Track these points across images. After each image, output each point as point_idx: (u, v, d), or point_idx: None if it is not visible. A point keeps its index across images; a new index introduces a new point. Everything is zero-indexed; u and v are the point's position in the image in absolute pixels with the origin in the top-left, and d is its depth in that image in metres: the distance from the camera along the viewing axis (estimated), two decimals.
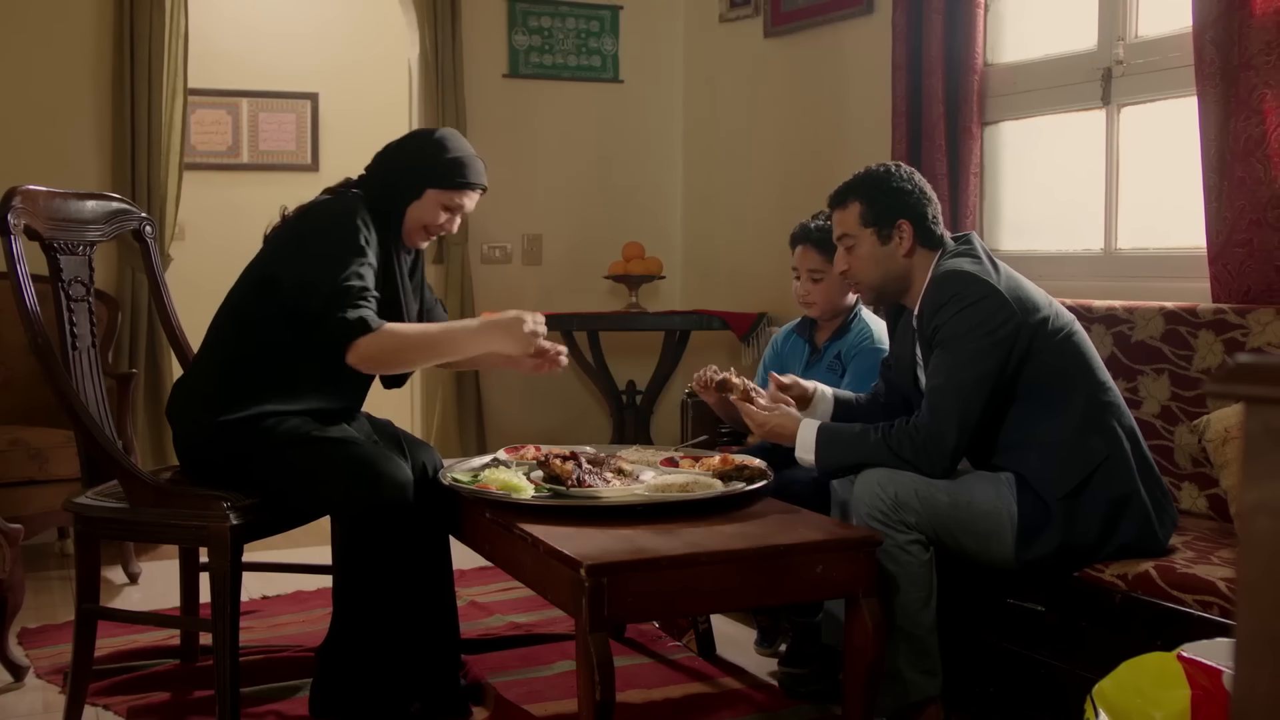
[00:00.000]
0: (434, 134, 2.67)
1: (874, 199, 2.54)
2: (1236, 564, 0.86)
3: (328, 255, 2.46)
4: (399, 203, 2.62)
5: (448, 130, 2.71)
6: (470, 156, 2.65)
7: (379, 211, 2.59)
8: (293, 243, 2.56)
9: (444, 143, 2.63)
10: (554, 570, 2.13)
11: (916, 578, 2.35)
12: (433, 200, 2.61)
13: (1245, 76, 2.76)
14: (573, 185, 5.18)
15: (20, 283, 2.51)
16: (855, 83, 4.26)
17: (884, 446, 2.40)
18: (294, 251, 2.54)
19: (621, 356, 5.01)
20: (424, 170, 2.60)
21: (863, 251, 2.56)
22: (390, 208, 2.62)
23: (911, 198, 2.53)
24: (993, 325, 2.34)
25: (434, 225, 2.64)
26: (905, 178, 2.56)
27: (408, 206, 2.62)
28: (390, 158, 2.66)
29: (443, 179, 2.60)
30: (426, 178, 2.60)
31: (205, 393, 2.57)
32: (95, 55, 4.42)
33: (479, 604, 3.52)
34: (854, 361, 3.04)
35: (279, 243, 2.61)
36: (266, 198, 2.69)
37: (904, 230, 2.52)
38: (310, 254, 2.49)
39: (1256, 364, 0.81)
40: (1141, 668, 1.77)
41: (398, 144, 2.69)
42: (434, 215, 2.62)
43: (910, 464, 2.38)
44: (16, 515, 3.24)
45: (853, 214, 2.56)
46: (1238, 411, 2.46)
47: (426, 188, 2.60)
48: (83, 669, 2.57)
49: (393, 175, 2.62)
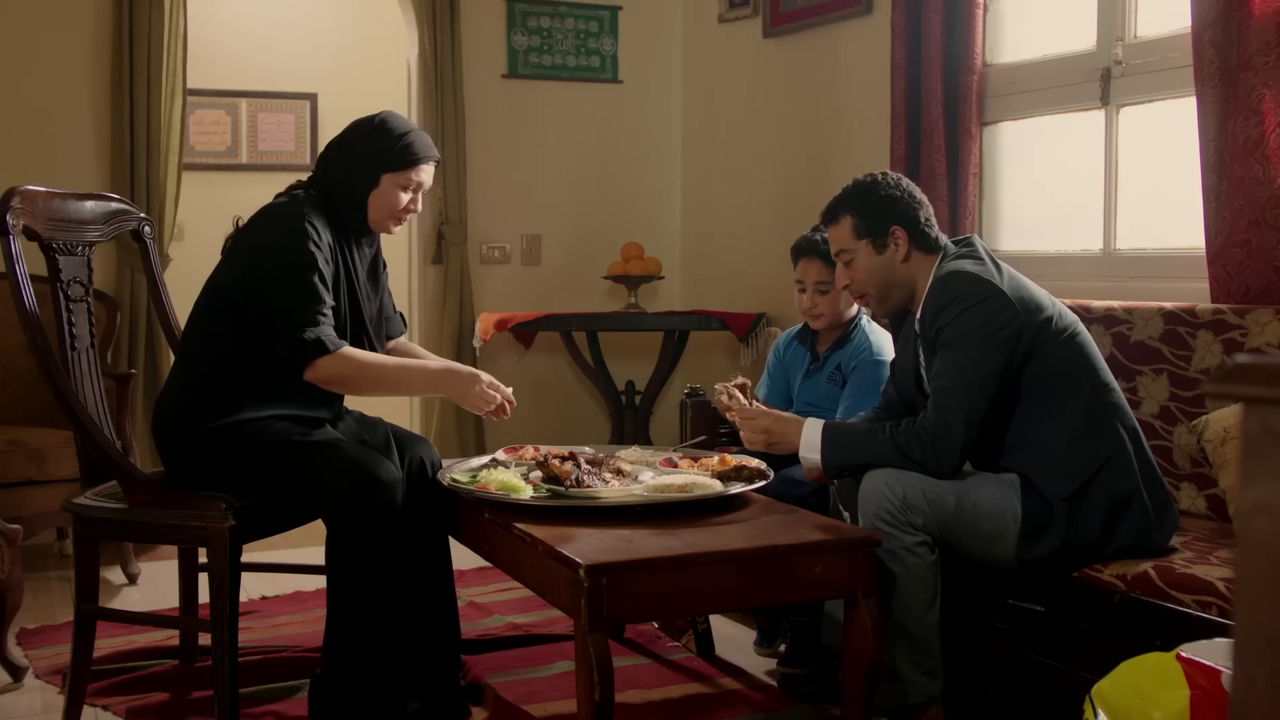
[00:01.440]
0: (374, 120, 2.65)
1: (864, 210, 2.54)
2: (1235, 564, 0.86)
3: (278, 269, 2.46)
4: (356, 195, 2.60)
5: (386, 112, 2.68)
6: (415, 131, 2.64)
7: (333, 208, 2.58)
8: (241, 256, 2.55)
9: (386, 124, 2.62)
10: (553, 571, 2.13)
11: (922, 579, 2.34)
12: (390, 184, 2.60)
13: (1244, 77, 2.76)
14: (572, 185, 5.18)
15: (19, 283, 2.51)
16: (854, 83, 4.26)
17: (891, 445, 2.39)
18: (244, 265, 2.53)
19: (620, 357, 5.00)
20: (375, 157, 2.59)
21: (861, 263, 2.56)
22: (346, 202, 2.60)
23: (901, 204, 2.53)
24: (997, 325, 2.34)
25: (399, 209, 2.63)
26: (893, 184, 2.56)
27: (368, 196, 2.60)
28: (338, 152, 2.64)
29: (395, 160, 2.59)
30: (380, 163, 2.58)
31: (184, 405, 2.56)
32: (94, 56, 4.42)
33: (478, 604, 3.52)
34: (855, 374, 3.02)
35: (231, 255, 2.59)
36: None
37: (898, 237, 2.52)
38: (261, 268, 2.48)
39: (1255, 364, 0.81)
40: (1140, 668, 1.77)
41: (341, 139, 2.67)
42: (396, 198, 2.61)
43: (918, 464, 2.37)
44: (15, 516, 3.24)
45: (845, 228, 2.56)
46: (1236, 412, 2.47)
47: (381, 173, 2.59)
48: (81, 669, 2.57)
49: (344, 169, 2.60)
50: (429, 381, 2.62)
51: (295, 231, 2.47)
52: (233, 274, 2.55)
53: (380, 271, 2.77)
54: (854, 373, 3.02)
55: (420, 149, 2.62)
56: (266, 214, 2.58)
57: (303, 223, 2.48)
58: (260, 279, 2.47)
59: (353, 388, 2.55)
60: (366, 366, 2.51)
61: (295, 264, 2.45)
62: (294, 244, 2.46)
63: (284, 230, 2.49)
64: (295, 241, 2.46)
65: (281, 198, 2.62)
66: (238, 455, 2.50)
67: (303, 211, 2.51)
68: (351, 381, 2.51)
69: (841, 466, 2.49)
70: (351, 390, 2.57)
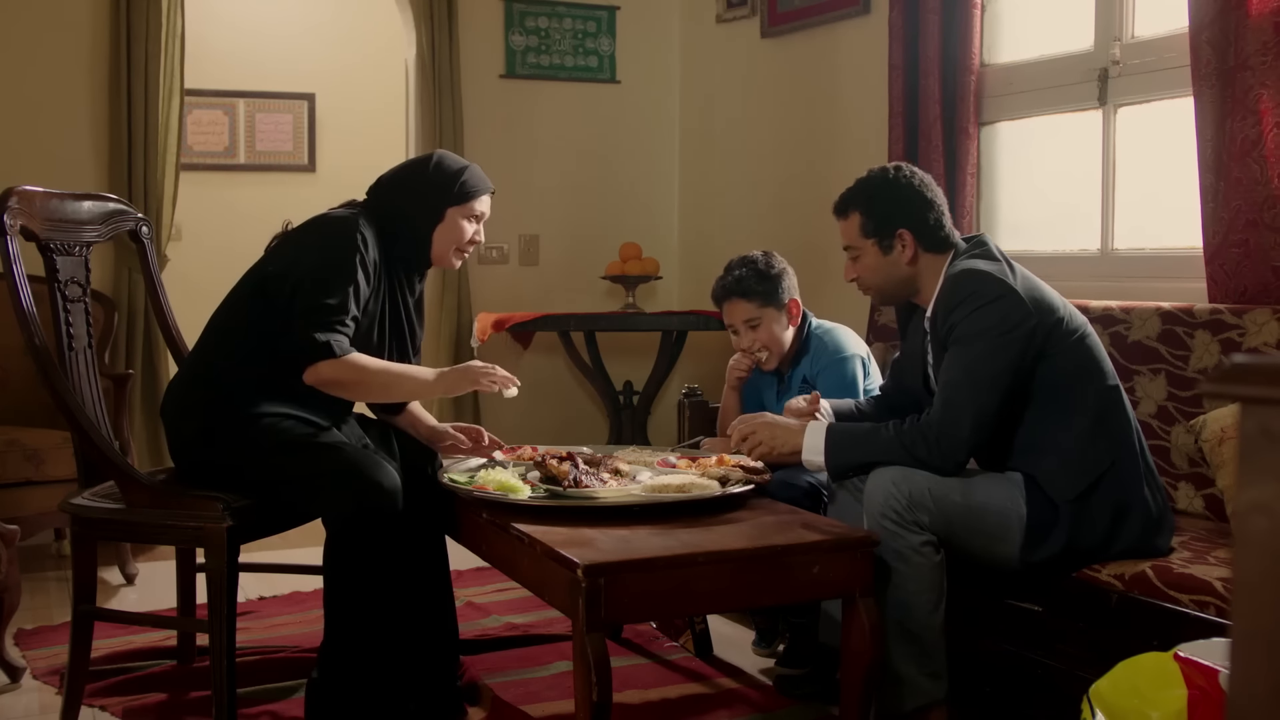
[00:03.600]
0: (430, 158, 2.73)
1: (872, 210, 2.53)
2: (1232, 564, 0.86)
3: (318, 268, 2.50)
4: (418, 230, 2.66)
5: (440, 151, 2.78)
6: (471, 166, 2.73)
7: (389, 239, 2.64)
8: (292, 250, 2.59)
9: (443, 163, 2.70)
10: (551, 571, 2.13)
11: (928, 580, 2.32)
12: (454, 218, 2.67)
13: (1241, 77, 2.76)
14: (569, 186, 5.18)
15: (16, 283, 2.51)
16: (852, 83, 4.27)
17: (897, 444, 2.37)
18: (290, 258, 2.56)
19: (618, 357, 5.00)
20: (438, 195, 2.66)
21: (867, 262, 2.56)
22: (404, 236, 2.66)
23: (911, 205, 2.51)
24: (1010, 324, 2.33)
25: (465, 240, 2.71)
26: (904, 183, 2.53)
27: (433, 231, 2.67)
28: (395, 189, 2.69)
29: (459, 196, 2.67)
30: (443, 200, 2.66)
31: (200, 393, 2.58)
32: (92, 56, 4.41)
33: (476, 605, 3.52)
34: (822, 377, 2.99)
35: (279, 249, 2.63)
36: (263, 198, 2.69)
37: (905, 239, 2.51)
38: (302, 264, 2.52)
39: (1253, 364, 0.81)
40: (1138, 667, 1.77)
41: (396, 177, 2.72)
42: (461, 231, 2.69)
43: (923, 461, 2.35)
44: (13, 516, 3.23)
45: (854, 225, 2.56)
46: (1234, 412, 2.46)
47: (446, 209, 2.66)
48: (79, 670, 2.56)
49: (403, 205, 2.66)
50: (430, 387, 2.63)
51: (347, 241, 2.52)
52: (277, 264, 2.58)
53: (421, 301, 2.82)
54: (820, 376, 2.99)
55: (481, 181, 2.72)
56: (325, 219, 2.62)
57: (355, 236, 2.53)
58: (297, 275, 2.50)
59: (355, 392, 2.59)
60: (371, 373, 2.53)
61: (336, 269, 2.49)
62: (342, 252, 2.51)
63: (336, 238, 2.54)
64: (344, 250, 2.51)
65: (340, 210, 2.66)
66: (243, 447, 2.50)
67: (358, 225, 2.56)
68: (349, 385, 2.53)
69: (847, 467, 2.48)
70: (352, 395, 2.61)
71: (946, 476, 2.36)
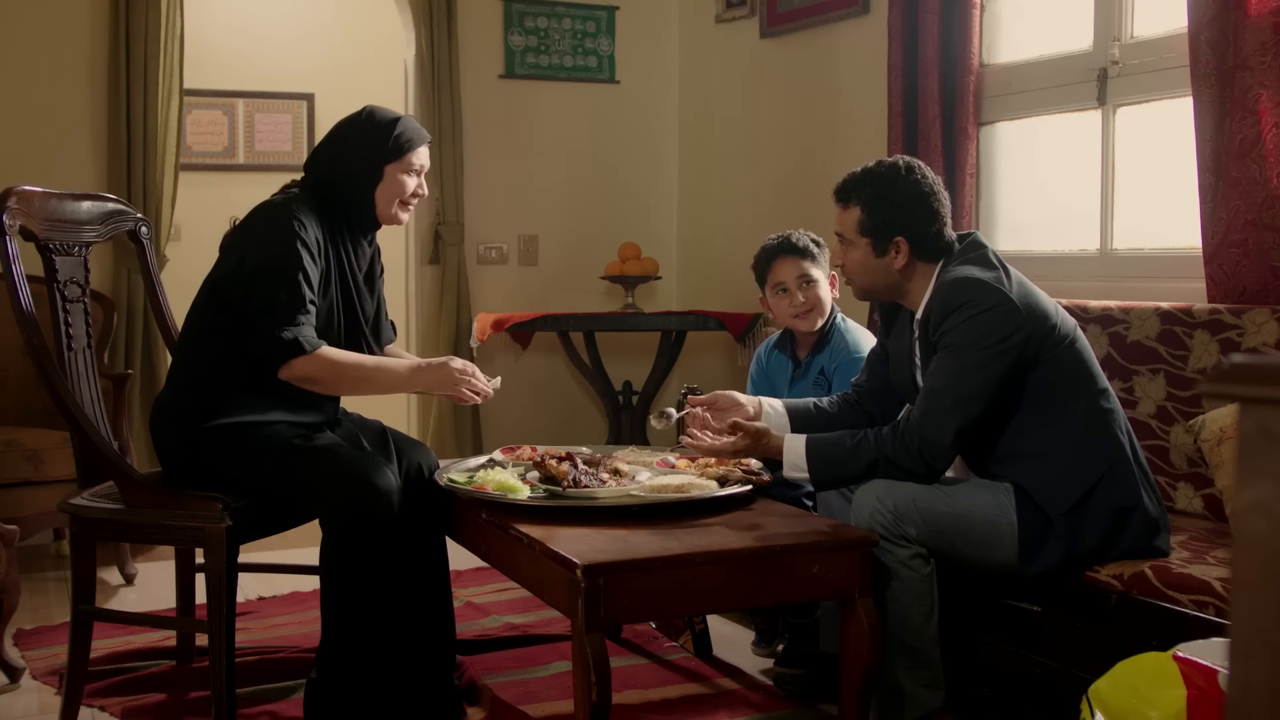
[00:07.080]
0: (360, 115, 2.68)
1: (874, 209, 2.47)
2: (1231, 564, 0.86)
3: (262, 265, 2.47)
4: (359, 191, 2.63)
5: (369, 106, 2.72)
6: (404, 118, 2.68)
7: (330, 207, 2.60)
8: (235, 249, 2.57)
9: (374, 117, 2.66)
10: (550, 571, 2.12)
11: (918, 592, 2.31)
12: (394, 173, 2.64)
13: (1240, 77, 2.76)
14: (569, 186, 5.18)
15: (15, 283, 2.51)
16: (851, 83, 4.27)
17: (881, 458, 2.36)
18: (233, 261, 2.55)
19: (618, 357, 5.00)
20: (373, 150, 2.62)
21: (857, 256, 2.52)
22: (347, 200, 2.63)
23: (914, 214, 2.45)
24: (1003, 334, 2.30)
25: (407, 195, 2.67)
26: (911, 185, 2.46)
27: (374, 191, 2.63)
28: (330, 153, 2.67)
29: (395, 151, 2.63)
30: (379, 156, 2.62)
31: (182, 406, 2.56)
32: (91, 56, 4.41)
33: (475, 605, 3.52)
34: (838, 374, 3.01)
35: (224, 253, 2.62)
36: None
37: (900, 247, 2.46)
38: (246, 263, 2.49)
39: (1252, 364, 0.81)
40: (1137, 668, 1.77)
41: (330, 140, 2.69)
42: (402, 186, 2.65)
43: (908, 472, 2.34)
44: (12, 516, 3.23)
45: (852, 218, 2.50)
46: (1233, 412, 2.47)
47: (384, 165, 2.63)
48: (78, 670, 2.56)
49: (341, 168, 2.63)
50: (405, 380, 2.63)
51: (283, 229, 2.49)
52: (224, 265, 2.57)
53: (377, 276, 2.77)
54: (837, 373, 3.02)
55: (416, 133, 2.67)
56: (257, 212, 2.60)
57: (290, 220, 2.50)
58: (245, 274, 2.48)
59: (327, 387, 2.55)
60: (344, 367, 2.51)
61: (279, 261, 2.46)
62: (280, 241, 2.48)
63: (271, 227, 2.51)
64: (281, 239, 2.48)
65: (276, 197, 2.63)
66: (236, 455, 2.50)
67: (291, 209, 2.53)
68: (326, 381, 2.51)
69: (831, 484, 2.48)
70: (329, 390, 2.57)
71: (928, 484, 2.35)
